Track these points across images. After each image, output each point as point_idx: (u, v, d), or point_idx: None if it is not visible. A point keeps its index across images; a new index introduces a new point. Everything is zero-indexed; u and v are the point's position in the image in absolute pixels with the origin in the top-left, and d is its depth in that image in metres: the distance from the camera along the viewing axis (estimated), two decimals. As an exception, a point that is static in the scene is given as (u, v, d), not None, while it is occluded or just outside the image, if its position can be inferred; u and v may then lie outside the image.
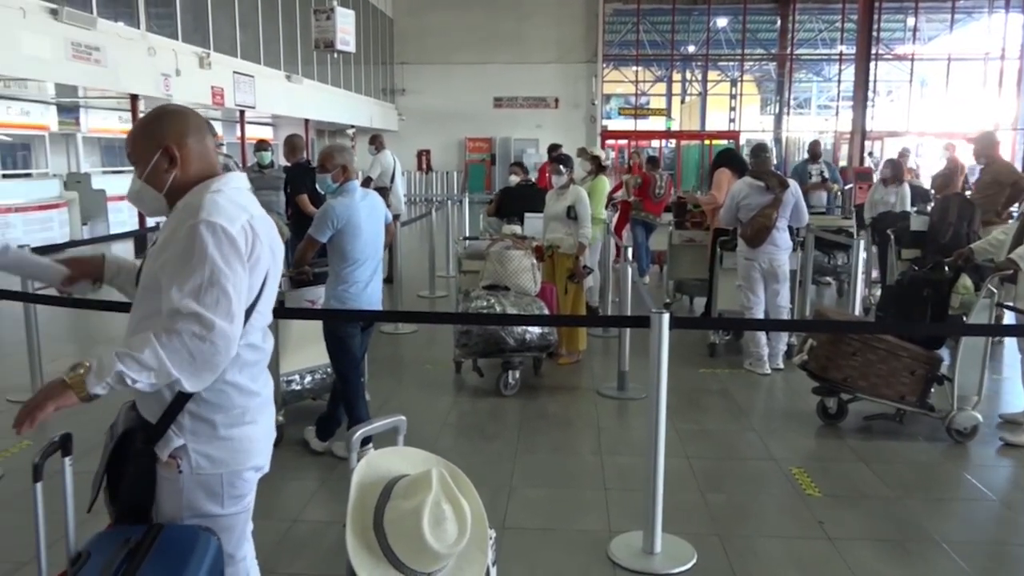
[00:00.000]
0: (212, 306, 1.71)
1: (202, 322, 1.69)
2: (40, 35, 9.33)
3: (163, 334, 1.69)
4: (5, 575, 3.09)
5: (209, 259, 1.73)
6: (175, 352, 1.68)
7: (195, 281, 1.72)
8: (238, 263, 1.77)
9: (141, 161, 1.89)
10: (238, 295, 1.76)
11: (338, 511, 3.78)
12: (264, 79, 15.44)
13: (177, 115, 1.93)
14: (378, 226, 4.31)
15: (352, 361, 4.22)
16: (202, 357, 1.70)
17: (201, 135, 1.93)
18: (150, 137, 1.89)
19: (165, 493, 1.87)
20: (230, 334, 1.73)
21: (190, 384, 1.73)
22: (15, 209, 12.15)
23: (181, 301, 1.71)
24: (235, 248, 1.76)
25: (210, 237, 1.74)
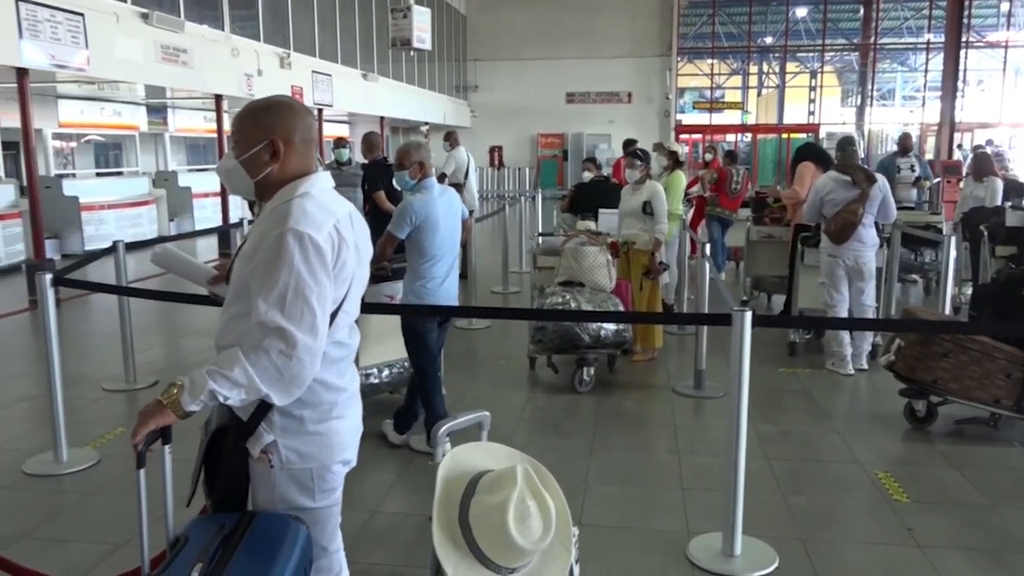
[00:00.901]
0: (296, 320, 1.73)
1: (286, 339, 1.72)
2: (132, 39, 9.72)
3: (251, 351, 1.73)
4: (103, 556, 3.24)
5: (295, 271, 1.74)
6: (263, 370, 1.72)
7: (280, 292, 1.74)
8: (323, 273, 1.78)
9: (243, 143, 1.91)
10: (322, 306, 1.77)
11: (416, 503, 3.84)
12: (341, 78, 15.74)
13: (291, 111, 1.93)
14: (455, 222, 4.34)
15: (429, 356, 4.27)
16: (289, 373, 1.74)
17: (308, 136, 1.94)
18: (260, 125, 1.90)
19: (259, 486, 1.92)
20: (314, 348, 1.76)
21: (279, 399, 1.77)
22: (108, 206, 12.71)
23: (267, 314, 1.74)
24: (321, 257, 1.78)
25: (296, 247, 1.75)
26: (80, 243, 11.88)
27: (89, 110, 13.89)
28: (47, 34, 8.26)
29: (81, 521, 3.64)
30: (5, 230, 10.47)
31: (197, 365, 5.08)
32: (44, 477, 4.05)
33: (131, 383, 5.54)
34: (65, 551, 3.31)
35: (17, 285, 9.34)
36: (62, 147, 14.98)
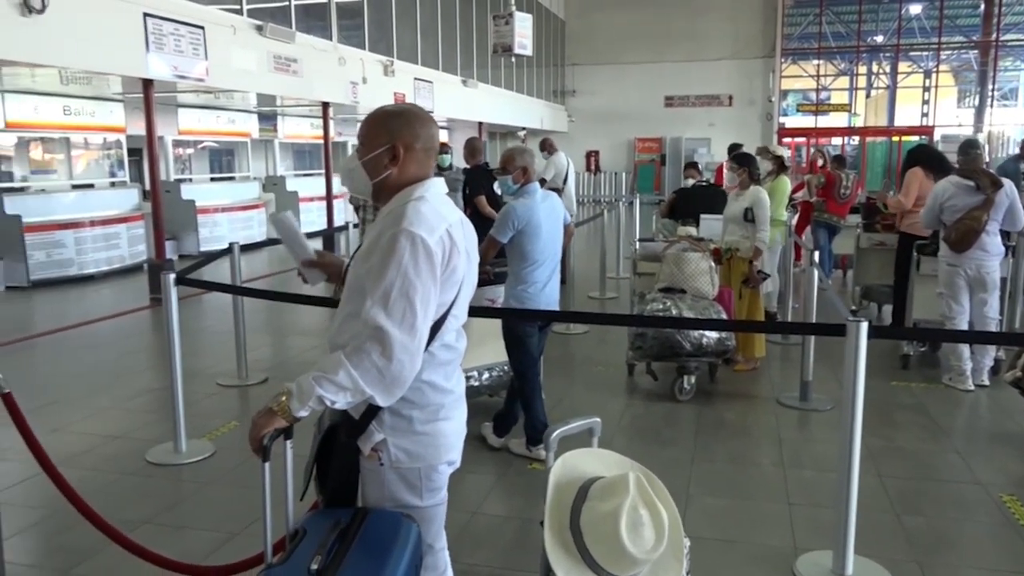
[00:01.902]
0: (398, 320, 1.77)
1: (385, 339, 1.75)
2: (247, 50, 10.18)
3: (353, 354, 1.77)
4: (219, 544, 3.39)
5: (403, 270, 1.78)
6: (366, 372, 1.76)
7: (386, 291, 1.78)
8: (430, 276, 1.81)
9: (367, 146, 1.99)
10: (425, 308, 1.80)
11: (515, 507, 3.87)
12: (442, 84, 16.03)
13: (417, 119, 2.00)
14: (557, 227, 4.35)
15: (530, 359, 4.29)
16: (390, 375, 1.77)
17: (430, 144, 2.01)
18: (385, 129, 1.97)
19: (369, 483, 1.97)
20: (412, 349, 1.78)
21: (382, 399, 1.81)
22: (222, 209, 13.33)
23: (370, 311, 1.78)
24: (430, 260, 1.81)
25: (408, 247, 1.79)
26: (196, 244, 12.50)
27: (206, 118, 14.61)
28: (171, 47, 8.74)
29: (199, 510, 3.82)
30: (129, 231, 11.12)
31: (304, 364, 5.27)
32: (165, 466, 4.27)
33: (243, 379, 5.79)
34: (184, 537, 3.48)
35: (139, 284, 9.91)
36: (180, 153, 15.80)
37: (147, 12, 8.38)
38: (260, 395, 5.60)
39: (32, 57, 7.31)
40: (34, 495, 3.80)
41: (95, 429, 4.85)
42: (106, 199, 11.62)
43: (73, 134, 12.53)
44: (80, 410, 5.17)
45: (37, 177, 13.00)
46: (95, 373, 6.15)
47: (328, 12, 12.40)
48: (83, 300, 9.38)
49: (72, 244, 10.24)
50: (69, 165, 13.44)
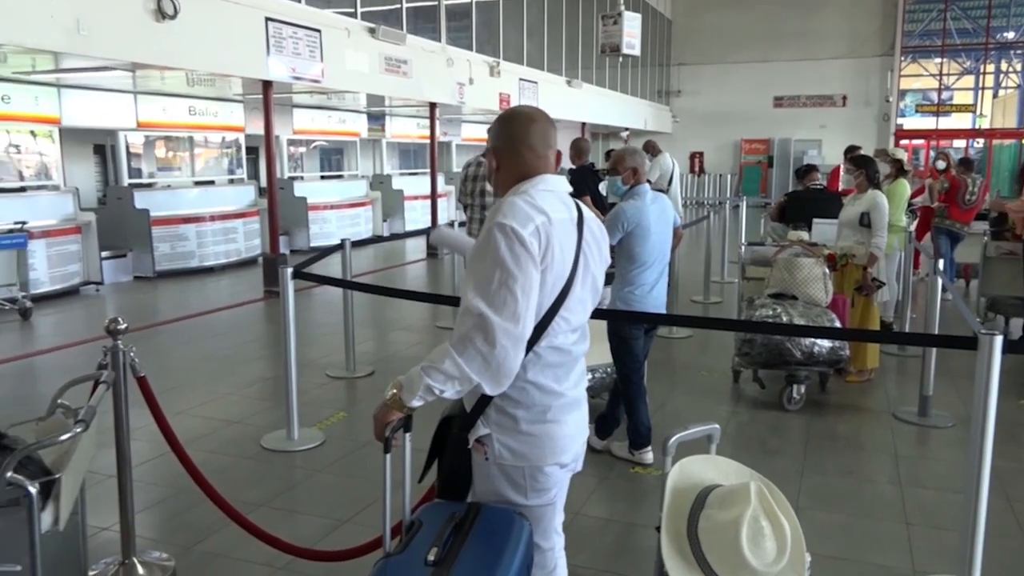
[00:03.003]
0: (499, 308, 1.78)
1: (488, 326, 1.77)
2: (360, 52, 10.49)
3: (458, 343, 1.80)
4: (329, 530, 3.50)
5: (500, 260, 1.80)
6: (471, 359, 1.78)
7: (486, 280, 1.80)
8: (530, 264, 1.82)
9: (489, 152, 2.09)
10: (526, 297, 1.81)
11: (617, 510, 3.84)
12: (546, 85, 16.07)
13: (522, 121, 2.03)
14: (666, 229, 4.29)
15: (635, 362, 4.24)
16: (495, 361, 1.79)
17: (538, 142, 2.00)
18: (493, 133, 2.06)
19: (477, 477, 2.00)
20: (515, 334, 1.79)
21: (490, 387, 1.83)
22: (331, 206, 13.78)
23: (473, 301, 1.81)
24: (526, 249, 1.81)
25: (502, 239, 1.81)
26: (306, 240, 12.97)
27: (318, 118, 15.13)
28: (289, 50, 9.10)
29: (310, 496, 3.96)
30: (246, 226, 11.64)
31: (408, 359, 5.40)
32: (278, 452, 4.45)
33: (351, 371, 5.96)
34: (296, 522, 3.61)
35: (254, 276, 10.35)
36: (293, 152, 16.40)
37: (269, 16, 8.75)
38: (367, 387, 5.76)
39: (164, 60, 7.75)
40: (160, 474, 4.02)
41: (214, 413, 5.09)
42: (225, 195, 12.20)
43: (197, 133, 13.20)
44: (200, 395, 5.44)
45: (163, 174, 13.77)
46: (213, 360, 6.46)
47: (438, 14, 12.62)
48: (203, 291, 9.88)
49: (194, 238, 10.81)
50: (192, 163, 14.18)
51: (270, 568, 3.15)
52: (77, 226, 9.33)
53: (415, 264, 12.48)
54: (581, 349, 2.03)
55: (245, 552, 3.23)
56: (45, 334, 7.47)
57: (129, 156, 12.12)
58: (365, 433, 4.72)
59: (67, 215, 9.47)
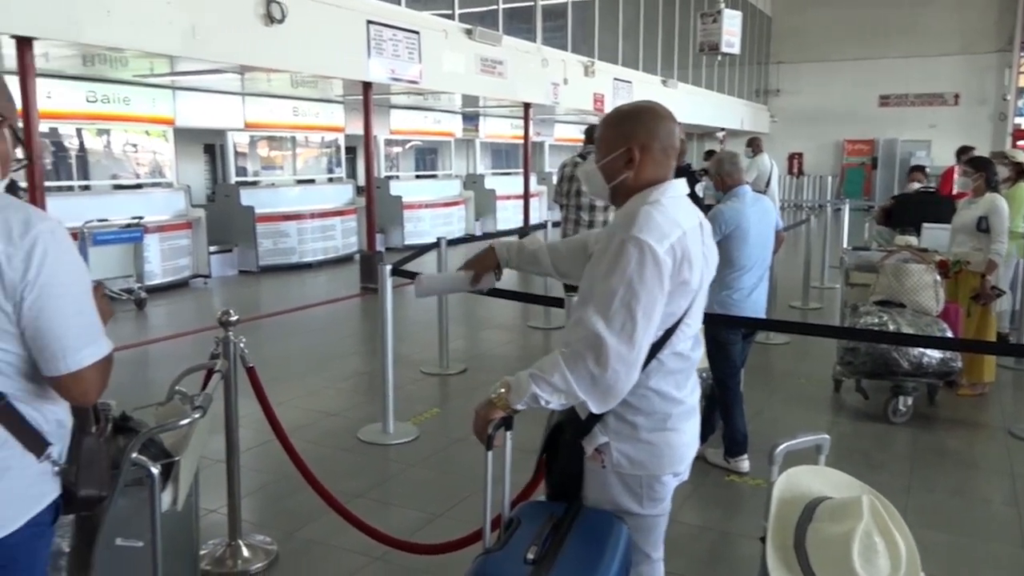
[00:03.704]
0: (616, 329, 1.72)
1: (601, 348, 1.72)
2: (457, 53, 10.64)
3: (570, 358, 1.75)
4: (423, 523, 3.57)
5: (627, 279, 1.73)
6: (580, 378, 1.74)
7: (608, 298, 1.74)
8: (657, 286, 1.75)
9: (604, 148, 1.95)
10: (647, 319, 1.75)
11: (711, 518, 3.77)
12: (641, 84, 15.91)
13: (654, 117, 1.93)
14: (767, 232, 4.19)
15: (732, 368, 4.16)
16: (604, 383, 1.74)
17: (668, 143, 1.93)
18: (621, 131, 1.93)
19: (591, 484, 1.97)
20: (629, 360, 1.74)
21: (595, 406, 1.78)
22: (425, 205, 14.03)
23: (591, 317, 1.75)
24: (658, 270, 1.74)
25: (635, 255, 1.74)
26: (401, 238, 13.24)
27: (414, 118, 15.42)
28: (389, 51, 9.31)
29: (404, 489, 4.04)
30: (343, 224, 11.97)
31: (499, 358, 5.43)
32: (374, 445, 4.55)
33: (444, 369, 6.05)
34: (391, 514, 3.69)
35: (350, 273, 10.63)
36: (389, 152, 16.77)
37: (370, 20, 8.98)
38: (459, 385, 5.83)
39: (272, 63, 8.05)
40: (264, 461, 4.18)
41: (313, 405, 5.26)
42: (325, 194, 12.58)
43: (299, 133, 13.67)
44: (300, 387, 5.63)
45: (266, 172, 14.31)
46: (312, 354, 6.68)
47: (533, 14, 12.67)
48: (302, 286, 10.22)
49: (295, 234, 11.19)
50: (294, 161, 14.68)
51: (366, 558, 3.24)
52: (188, 222, 9.79)
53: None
54: (697, 355, 1.99)
55: (343, 540, 3.32)
56: (158, 324, 7.88)
57: (236, 155, 12.65)
58: (458, 429, 4.79)
59: (179, 211, 9.96)
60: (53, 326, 1.49)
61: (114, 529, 1.89)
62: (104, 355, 1.58)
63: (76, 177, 10.74)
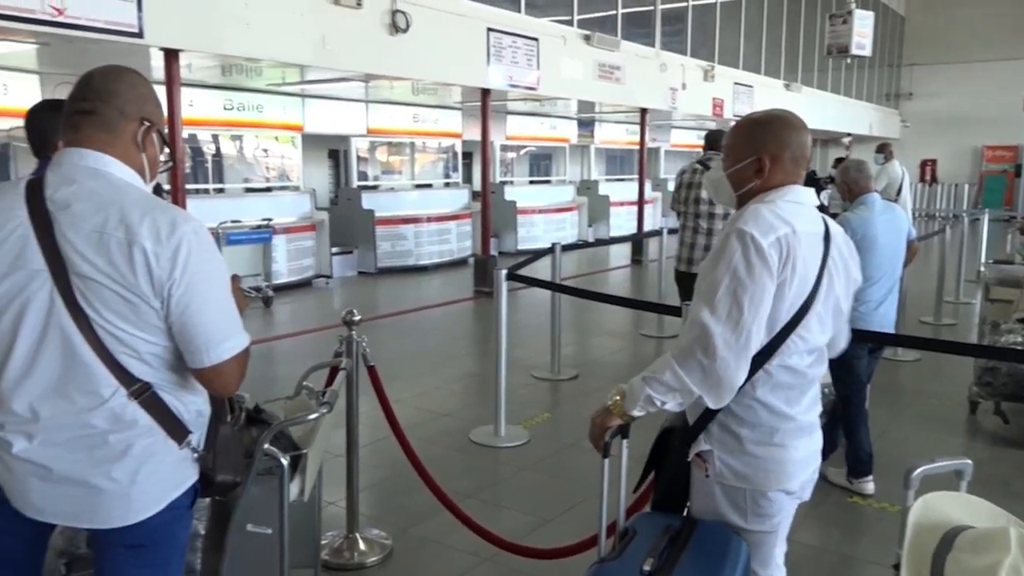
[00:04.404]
0: (721, 317, 1.72)
1: (708, 337, 1.72)
2: (575, 59, 10.66)
3: (679, 353, 1.76)
4: (534, 527, 3.58)
5: (732, 268, 1.74)
6: (691, 371, 1.74)
7: (713, 289, 1.75)
8: (764, 275, 1.73)
9: (733, 156, 1.94)
10: (753, 308, 1.73)
11: (830, 539, 3.62)
12: (763, 88, 15.47)
13: (787, 127, 1.91)
14: (898, 242, 4.00)
15: (857, 384, 3.98)
16: (715, 373, 1.73)
17: (800, 153, 1.90)
18: (751, 140, 1.91)
19: (696, 493, 1.95)
20: (736, 347, 1.72)
21: (711, 400, 1.77)
22: (538, 211, 14.10)
23: (697, 310, 1.76)
24: (763, 260, 1.73)
25: (738, 246, 1.75)
26: (514, 242, 13.36)
27: (530, 124, 15.55)
28: (508, 58, 9.42)
29: (515, 492, 4.08)
30: (458, 228, 12.19)
31: (610, 365, 5.39)
32: (486, 447, 4.61)
33: (556, 374, 6.06)
34: (502, 516, 3.72)
35: (464, 276, 10.81)
36: (504, 157, 16.97)
37: (490, 27, 9.12)
38: (571, 390, 5.83)
39: (396, 71, 8.31)
40: (380, 457, 4.30)
41: (426, 405, 5.37)
42: (441, 198, 12.86)
43: (418, 139, 14.03)
44: (414, 386, 5.76)
45: (385, 177, 14.78)
46: (426, 354, 6.83)
47: (652, 19, 12.54)
48: (417, 288, 10.47)
49: (412, 237, 11.48)
50: (412, 166, 15.08)
51: (477, 558, 3.28)
52: (312, 224, 10.22)
53: (619, 270, 12.47)
54: (816, 372, 1.92)
55: (455, 539, 3.37)
56: (283, 321, 8.25)
57: (358, 160, 13.12)
58: (569, 435, 4.79)
59: (304, 214, 10.41)
60: (197, 321, 1.58)
61: (246, 515, 1.99)
62: (243, 348, 1.66)
63: (211, 180, 11.42)
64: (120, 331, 1.56)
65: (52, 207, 1.55)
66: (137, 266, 1.52)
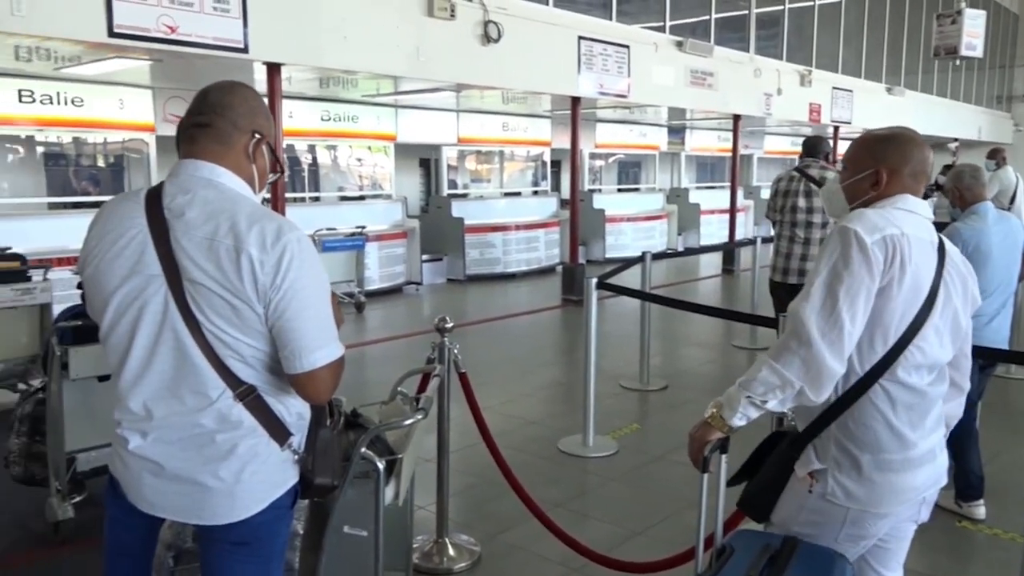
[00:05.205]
0: (816, 307, 1.71)
1: (803, 327, 1.71)
2: (666, 66, 10.54)
3: (775, 350, 1.75)
4: (621, 539, 3.54)
5: (831, 262, 1.73)
6: (788, 363, 1.72)
7: (810, 284, 1.75)
8: (863, 271, 1.71)
9: (851, 169, 1.94)
10: (849, 299, 1.70)
11: (937, 565, 3.46)
12: (863, 93, 14.93)
13: (909, 143, 1.90)
14: (1012, 255, 3.79)
15: (967, 403, 3.77)
16: (814, 363, 1.70)
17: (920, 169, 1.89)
18: (872, 152, 1.91)
19: (787, 499, 1.89)
20: (831, 336, 1.69)
21: (812, 392, 1.73)
22: (627, 219, 13.98)
23: (794, 304, 1.76)
24: (864, 256, 1.71)
25: (840, 242, 1.74)
26: (602, 251, 13.29)
27: (619, 132, 15.45)
28: (598, 66, 9.39)
29: (603, 503, 4.04)
30: (547, 236, 12.21)
31: (701, 376, 5.28)
32: (574, 456, 4.59)
33: (644, 384, 5.98)
34: (590, 526, 3.69)
35: (551, 284, 10.81)
36: (592, 165, 16.92)
37: (581, 36, 9.12)
38: (660, 401, 5.75)
39: (488, 80, 8.40)
40: (468, 463, 4.33)
41: (514, 412, 5.39)
42: (529, 206, 12.91)
43: (507, 148, 14.14)
44: (502, 393, 5.79)
45: (474, 185, 14.95)
46: (514, 362, 6.85)
47: (747, 23, 12.29)
48: (505, 296, 10.53)
49: (500, 245, 11.57)
50: (501, 175, 15.21)
51: (566, 568, 3.26)
52: (404, 231, 10.42)
53: (710, 280, 12.24)
54: (938, 391, 1.85)
55: (543, 548, 3.37)
56: (375, 326, 8.44)
57: (448, 169, 13.32)
58: (658, 447, 4.72)
59: (396, 221, 10.63)
60: (294, 327, 1.63)
61: (342, 517, 2.04)
62: (336, 357, 1.70)
63: (308, 189, 11.80)
64: (227, 335, 1.62)
65: (169, 215, 1.63)
66: (244, 272, 1.58)
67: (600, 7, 9.89)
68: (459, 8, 7.71)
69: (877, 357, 1.75)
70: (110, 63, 6.94)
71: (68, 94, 8.32)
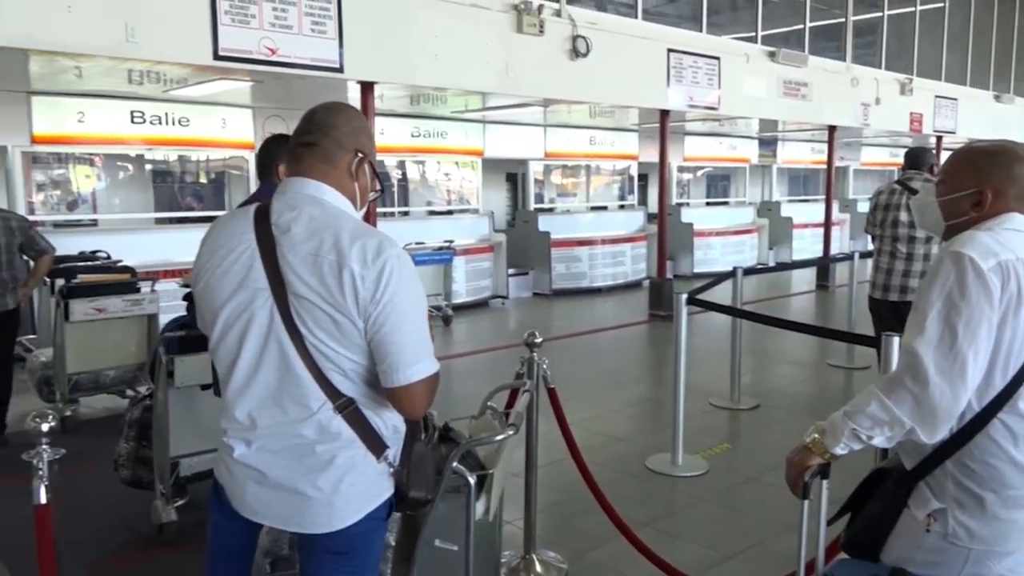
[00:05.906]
0: (933, 342, 1.61)
1: (919, 363, 1.61)
2: (758, 76, 10.33)
3: (886, 383, 1.66)
4: (713, 562, 3.45)
5: (945, 291, 1.63)
6: (900, 401, 1.62)
7: (924, 313, 1.64)
8: (983, 299, 1.60)
9: (950, 184, 1.83)
10: (969, 333, 1.59)
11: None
12: (968, 101, 14.28)
13: (1016, 160, 1.77)
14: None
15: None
16: (928, 403, 1.60)
17: None
18: (975, 169, 1.79)
19: (902, 539, 1.79)
20: (951, 374, 1.59)
21: (925, 433, 1.64)
22: (716, 233, 13.73)
23: (908, 337, 1.66)
24: (982, 283, 1.60)
25: (953, 268, 1.63)
26: (690, 265, 13.07)
27: (708, 144, 15.22)
28: (688, 79, 9.29)
29: (693, 524, 3.95)
30: (633, 250, 12.10)
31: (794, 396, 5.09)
32: (662, 475, 4.51)
33: (735, 402, 5.84)
34: (679, 548, 3.61)
35: (638, 299, 10.70)
36: (680, 178, 16.71)
37: (670, 48, 9.04)
38: (751, 421, 5.59)
39: (576, 95, 8.42)
40: (555, 479, 4.31)
41: (601, 428, 5.34)
42: (616, 220, 12.82)
43: (593, 162, 14.11)
44: (589, 409, 5.74)
45: (561, 200, 14.96)
46: (600, 377, 6.80)
47: (843, 32, 11.93)
48: (591, 310, 10.47)
49: (586, 259, 11.52)
50: (587, 189, 15.18)
51: (655, 589, 3.19)
52: (491, 246, 10.51)
53: (803, 296, 11.87)
54: None
55: (631, 568, 3.31)
56: (461, 339, 8.52)
57: (534, 183, 13.38)
58: (750, 468, 4.59)
59: (483, 236, 10.73)
60: (391, 340, 1.65)
61: (434, 531, 2.05)
62: (432, 372, 1.71)
63: (397, 204, 12.05)
64: (328, 348, 1.66)
65: (276, 231, 1.69)
66: (345, 287, 1.62)
67: (690, 19, 9.79)
68: (548, 24, 7.76)
69: (995, 391, 1.65)
70: (214, 84, 7.29)
71: (175, 114, 8.78)
